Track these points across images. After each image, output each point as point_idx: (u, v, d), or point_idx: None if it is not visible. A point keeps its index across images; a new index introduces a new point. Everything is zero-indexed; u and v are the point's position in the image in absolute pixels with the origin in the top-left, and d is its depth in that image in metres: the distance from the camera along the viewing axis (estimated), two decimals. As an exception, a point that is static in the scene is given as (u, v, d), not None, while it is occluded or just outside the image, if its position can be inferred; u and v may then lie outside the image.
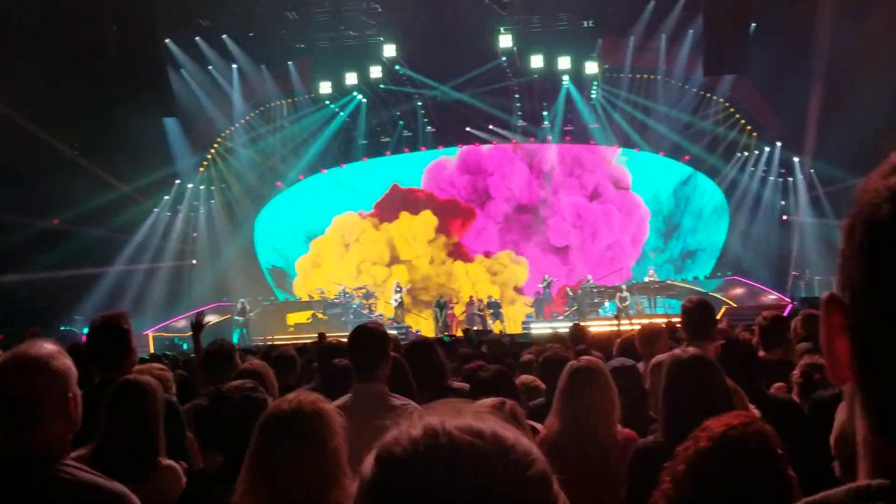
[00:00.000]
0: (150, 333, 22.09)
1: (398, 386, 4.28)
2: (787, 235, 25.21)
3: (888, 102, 18.32)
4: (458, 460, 0.86)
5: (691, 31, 23.60)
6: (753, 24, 20.76)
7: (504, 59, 25.93)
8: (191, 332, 6.75)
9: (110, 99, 21.07)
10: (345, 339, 4.50)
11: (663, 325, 6.10)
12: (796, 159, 24.78)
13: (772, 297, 23.38)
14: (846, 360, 0.82)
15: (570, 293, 25.84)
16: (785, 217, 25.46)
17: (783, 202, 25.71)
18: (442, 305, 25.48)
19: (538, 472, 0.90)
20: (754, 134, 25.94)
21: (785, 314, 14.12)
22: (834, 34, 19.37)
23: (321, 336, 8.35)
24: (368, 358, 4.00)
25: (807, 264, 22.91)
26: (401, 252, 29.33)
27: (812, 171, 24.06)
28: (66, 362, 2.49)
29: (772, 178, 25.95)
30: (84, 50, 20.07)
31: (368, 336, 4.08)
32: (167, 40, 22.92)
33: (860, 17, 18.34)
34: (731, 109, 26.13)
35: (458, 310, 25.94)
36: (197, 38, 24.80)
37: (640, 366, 5.41)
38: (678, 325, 6.84)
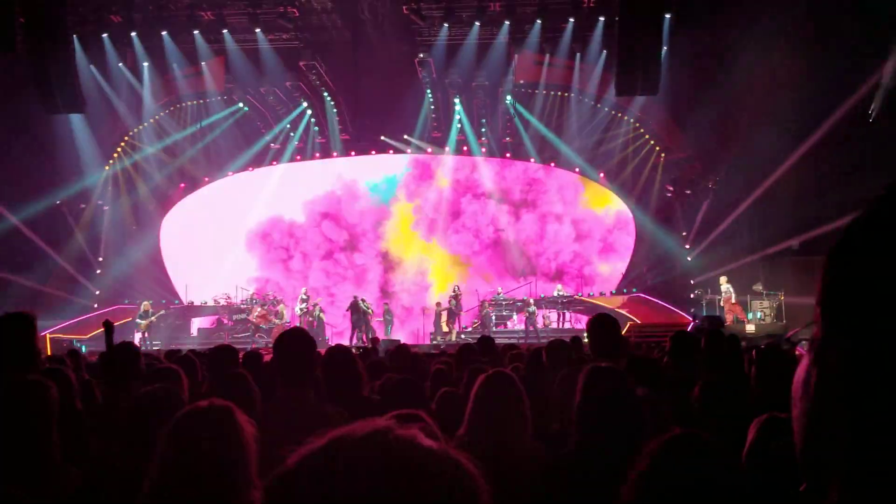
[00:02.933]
0: (48, 334, 21.37)
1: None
2: (690, 254, 25.88)
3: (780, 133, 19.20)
4: (362, 454, 0.85)
5: (605, 51, 24.16)
6: (665, 48, 21.32)
7: (423, 72, 26.02)
8: (102, 330, 6.55)
9: (16, 94, 20.44)
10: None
11: (568, 340, 6.20)
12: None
13: (674, 314, 23.96)
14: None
15: (486, 306, 25.91)
16: (685, 233, 26.17)
17: (683, 222, 26.40)
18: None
19: (460, 479, 0.89)
20: (662, 155, 26.56)
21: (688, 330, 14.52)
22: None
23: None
24: (296, 364, 3.93)
25: (707, 283, 23.51)
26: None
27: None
28: None
29: (675, 197, 26.62)
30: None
31: (298, 341, 4.02)
32: (76, 36, 22.32)
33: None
34: (641, 130, 26.72)
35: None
36: (105, 35, 24.26)
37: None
38: (584, 340, 6.96)
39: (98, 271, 26.86)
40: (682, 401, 4.65)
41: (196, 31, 24.68)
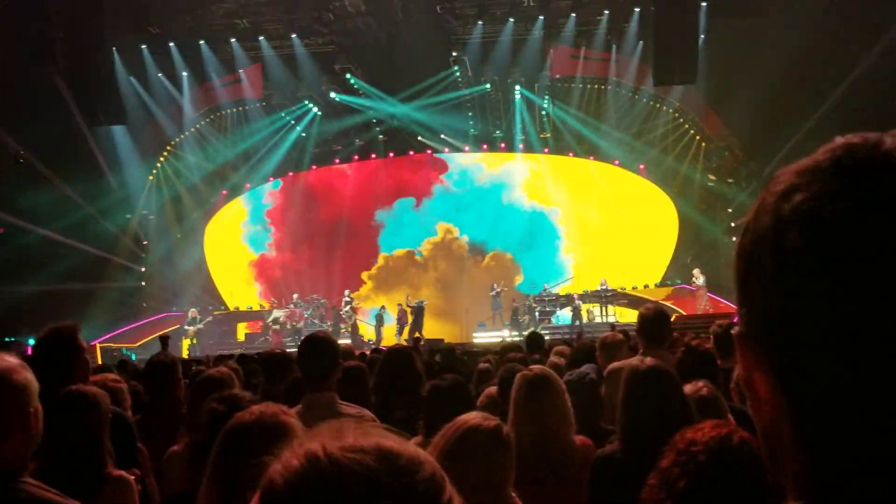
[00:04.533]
0: (98, 344, 21.69)
1: (355, 395, 4.25)
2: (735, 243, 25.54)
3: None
4: (343, 480, 0.84)
5: (641, 42, 23.98)
6: (702, 36, 21.13)
7: (457, 68, 26.01)
8: (151, 339, 6.66)
9: (58, 106, 20.76)
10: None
11: (622, 335, 6.12)
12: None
13: (721, 304, 23.69)
14: (766, 396, 0.79)
15: (524, 302, 25.87)
16: (733, 224, 25.82)
17: (730, 210, 26.04)
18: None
19: (426, 476, 0.88)
20: (703, 143, 26.28)
21: (735, 321, 14.32)
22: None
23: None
24: (318, 367, 3.98)
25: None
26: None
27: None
28: (28, 376, 2.43)
29: (718, 186, 26.32)
30: (32, 57, 19.75)
31: (318, 346, 4.07)
32: (115, 48, 22.64)
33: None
34: (680, 119, 26.46)
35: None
36: (143, 47, 24.58)
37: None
38: (632, 333, 6.89)
39: (144, 282, 27.22)
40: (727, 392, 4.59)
41: (233, 39, 24.90)
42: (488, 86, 26.89)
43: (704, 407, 3.30)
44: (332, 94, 27.13)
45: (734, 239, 25.26)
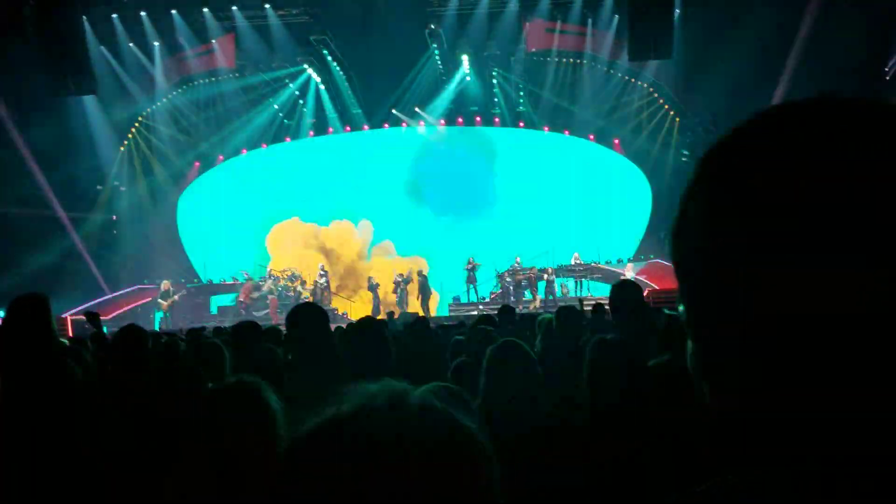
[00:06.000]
0: (69, 317, 21.48)
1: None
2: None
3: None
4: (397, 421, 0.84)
5: (617, 16, 23.95)
6: (677, 11, 21.13)
7: (434, 46, 25.88)
8: (123, 311, 6.63)
9: (28, 77, 20.50)
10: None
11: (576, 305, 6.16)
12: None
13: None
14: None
15: (505, 277, 25.90)
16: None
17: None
18: (373, 287, 25.42)
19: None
20: (677, 119, 26.36)
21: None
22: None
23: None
24: (315, 340, 3.86)
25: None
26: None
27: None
28: None
29: (692, 161, 26.40)
30: (1, 25, 19.45)
31: (313, 318, 3.96)
32: (85, 17, 22.31)
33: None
34: (655, 94, 26.49)
35: (390, 288, 25.68)
36: (115, 16, 24.24)
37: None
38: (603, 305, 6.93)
39: (116, 253, 27.00)
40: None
41: (205, 9, 24.60)
42: (466, 61, 26.76)
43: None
44: (305, 66, 26.95)
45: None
